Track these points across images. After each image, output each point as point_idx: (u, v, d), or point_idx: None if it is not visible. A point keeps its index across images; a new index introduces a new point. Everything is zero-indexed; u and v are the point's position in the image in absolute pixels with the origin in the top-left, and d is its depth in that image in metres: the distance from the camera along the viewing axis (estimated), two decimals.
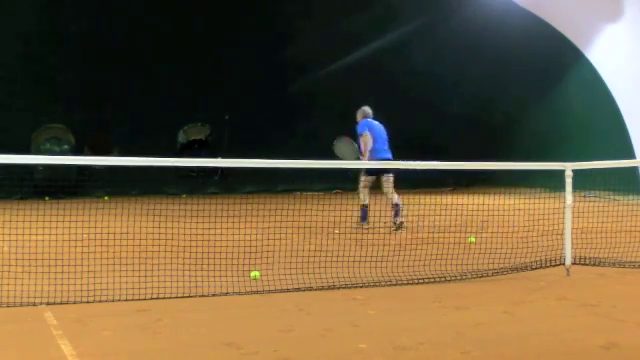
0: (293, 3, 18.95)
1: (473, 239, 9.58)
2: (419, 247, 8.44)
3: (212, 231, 7.98)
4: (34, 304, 6.03)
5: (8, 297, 6.09)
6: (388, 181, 11.42)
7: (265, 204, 10.49)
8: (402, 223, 10.97)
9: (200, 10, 17.91)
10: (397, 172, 11.40)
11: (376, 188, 11.60)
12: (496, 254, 8.04)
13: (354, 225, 10.97)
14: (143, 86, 17.77)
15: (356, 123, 11.97)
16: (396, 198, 11.24)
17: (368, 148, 11.55)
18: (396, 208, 11.17)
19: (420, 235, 9.50)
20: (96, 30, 17.48)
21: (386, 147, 11.79)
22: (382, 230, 9.65)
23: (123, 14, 17.50)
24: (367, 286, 6.90)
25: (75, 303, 6.07)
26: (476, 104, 20.34)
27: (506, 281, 7.24)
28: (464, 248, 8.81)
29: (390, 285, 6.95)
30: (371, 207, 11.26)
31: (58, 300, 6.12)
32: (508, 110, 20.40)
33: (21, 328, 5.44)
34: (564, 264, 7.58)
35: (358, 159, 11.81)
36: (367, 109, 12.08)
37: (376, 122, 11.95)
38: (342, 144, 12.43)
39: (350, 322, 5.59)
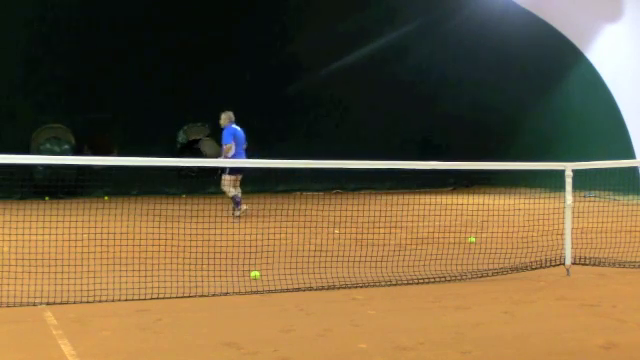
0: (293, 3, 18.94)
1: (473, 239, 9.58)
2: (419, 247, 8.44)
3: (212, 231, 7.98)
4: (34, 304, 6.03)
5: (8, 297, 6.09)
6: (238, 179, 12.97)
7: (265, 204, 10.50)
8: (236, 215, 12.34)
9: (200, 11, 17.90)
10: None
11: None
12: (496, 254, 8.04)
13: (233, 220, 11.74)
14: (143, 86, 17.76)
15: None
16: (238, 194, 12.74)
17: (229, 155, 12.93)
18: (237, 201, 12.67)
19: (420, 235, 9.49)
20: (96, 30, 17.48)
21: (243, 149, 13.13)
22: (382, 230, 9.64)
23: (123, 15, 17.50)
24: (367, 286, 6.90)
25: (75, 303, 6.07)
26: (476, 104, 20.33)
27: (506, 281, 7.24)
28: (464, 248, 8.81)
29: (390, 285, 6.95)
30: (370, 208, 11.28)
31: (58, 300, 6.12)
32: (508, 110, 20.39)
33: (21, 328, 5.44)
34: (564, 264, 7.58)
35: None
36: (232, 114, 13.22)
37: (238, 127, 13.14)
38: (207, 144, 13.19)
39: (350, 322, 5.59)
